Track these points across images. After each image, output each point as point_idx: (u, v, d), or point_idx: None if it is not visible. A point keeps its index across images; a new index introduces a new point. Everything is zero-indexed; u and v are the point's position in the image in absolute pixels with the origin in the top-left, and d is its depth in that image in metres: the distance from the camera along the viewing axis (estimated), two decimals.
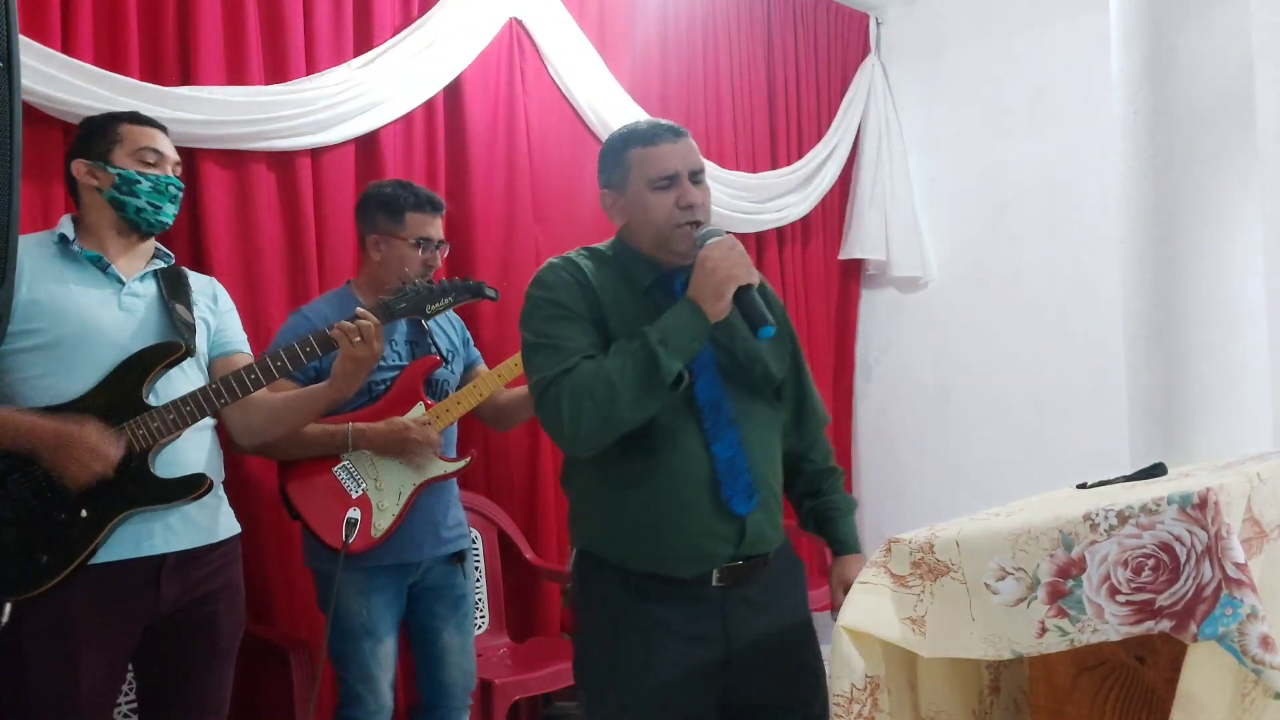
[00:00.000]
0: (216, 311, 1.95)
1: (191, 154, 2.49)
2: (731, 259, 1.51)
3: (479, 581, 2.99)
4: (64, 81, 2.19)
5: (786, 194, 4.22)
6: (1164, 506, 1.13)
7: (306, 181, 2.71)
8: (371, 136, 2.84)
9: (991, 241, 4.35)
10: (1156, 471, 1.62)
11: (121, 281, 1.79)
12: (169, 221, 1.85)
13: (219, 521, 1.86)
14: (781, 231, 4.29)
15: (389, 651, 2.21)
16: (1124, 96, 2.23)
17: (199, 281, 1.96)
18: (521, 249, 3.23)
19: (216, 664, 1.84)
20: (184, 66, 2.52)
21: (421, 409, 2.23)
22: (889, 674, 1.31)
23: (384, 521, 2.15)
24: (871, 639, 1.28)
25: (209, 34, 2.53)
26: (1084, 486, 1.60)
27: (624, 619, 1.58)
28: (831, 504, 1.77)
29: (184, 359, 1.79)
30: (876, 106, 4.57)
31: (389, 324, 1.97)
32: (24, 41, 1.91)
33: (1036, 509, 1.36)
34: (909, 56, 4.63)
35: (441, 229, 2.31)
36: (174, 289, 1.86)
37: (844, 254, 4.60)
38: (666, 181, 1.59)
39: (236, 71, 2.58)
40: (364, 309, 1.86)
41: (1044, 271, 4.17)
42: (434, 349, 2.32)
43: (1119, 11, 2.26)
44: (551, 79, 3.35)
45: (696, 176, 1.62)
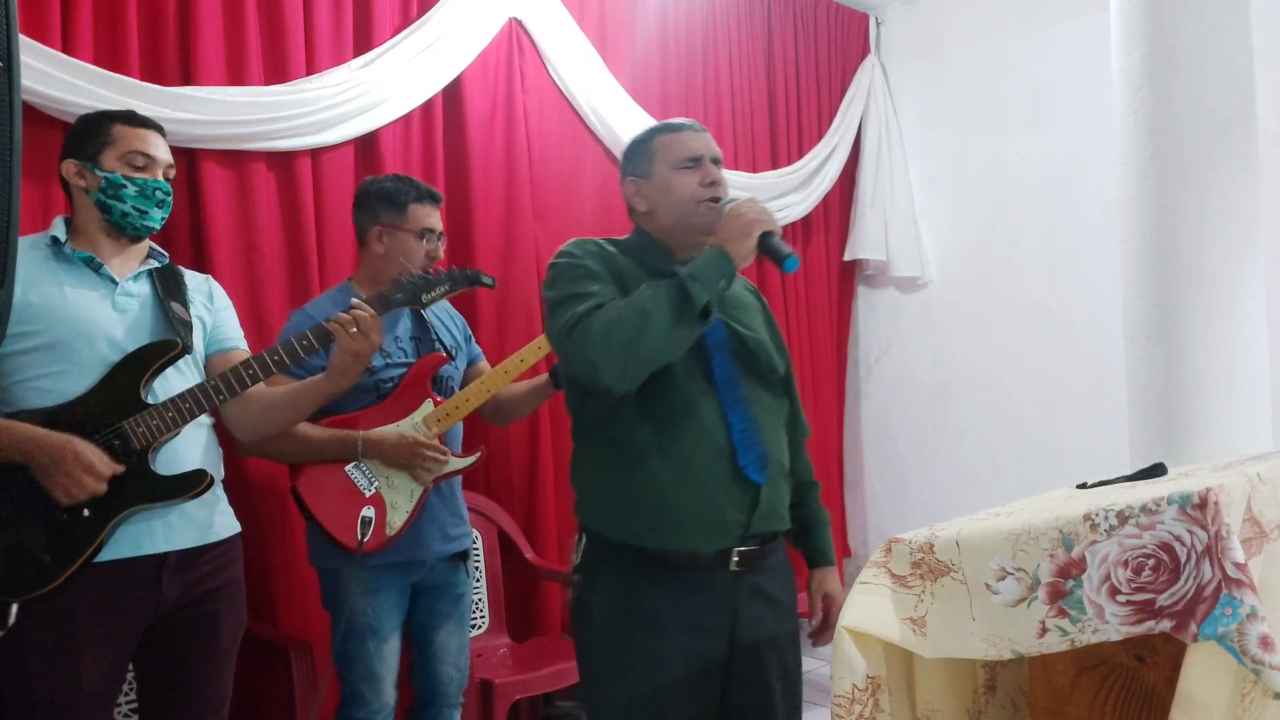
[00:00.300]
0: (213, 309, 1.94)
1: (191, 154, 2.49)
2: (756, 208, 1.61)
3: (479, 581, 2.99)
4: (64, 81, 2.19)
5: (786, 194, 4.23)
6: (1164, 506, 1.13)
7: (307, 182, 2.72)
8: (371, 136, 2.84)
9: (991, 241, 4.35)
10: (1156, 471, 1.62)
11: (115, 282, 1.79)
12: (156, 226, 1.83)
13: (219, 520, 1.86)
14: (782, 230, 4.29)
15: (393, 651, 2.21)
16: (1124, 96, 2.23)
17: (195, 280, 1.95)
18: (521, 248, 3.23)
19: (217, 663, 1.84)
20: (184, 66, 2.52)
21: (430, 406, 2.22)
22: (888, 674, 1.31)
23: (398, 519, 2.15)
24: (872, 639, 1.28)
25: (209, 34, 2.53)
26: (1084, 486, 1.61)
27: (631, 608, 1.59)
28: (812, 514, 1.84)
29: (181, 356, 1.79)
30: (876, 106, 4.57)
31: (387, 317, 1.96)
32: (24, 41, 1.92)
33: (1036, 509, 1.36)
34: (909, 56, 4.63)
35: (440, 221, 2.32)
36: (169, 288, 1.85)
37: (848, 255, 4.60)
38: (692, 163, 1.70)
39: (237, 71, 2.58)
40: (360, 300, 1.85)
41: (1044, 271, 4.17)
42: (438, 345, 2.32)
43: (1119, 11, 2.26)
44: (551, 79, 3.35)
45: (717, 162, 1.73)
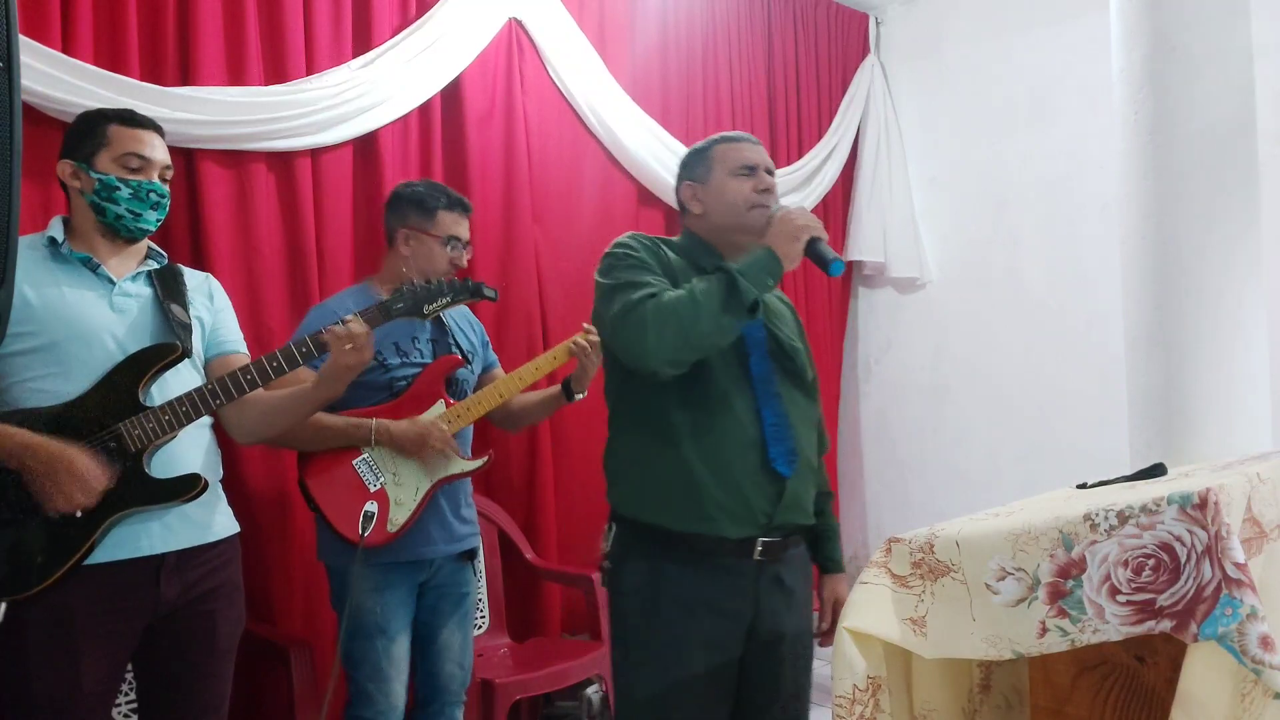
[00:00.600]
0: (212, 310, 1.94)
1: (191, 154, 2.49)
2: (806, 215, 1.73)
3: (479, 581, 2.99)
4: (64, 81, 2.19)
5: (786, 194, 4.22)
6: (1164, 506, 1.13)
7: (306, 182, 2.72)
8: (371, 137, 2.84)
9: (991, 241, 4.35)
10: (1156, 471, 1.63)
11: (112, 282, 1.78)
12: (151, 228, 1.82)
13: (218, 520, 1.85)
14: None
15: (402, 651, 2.21)
16: (1124, 96, 2.23)
17: (194, 279, 1.94)
18: (520, 249, 3.23)
19: (216, 663, 1.83)
20: (184, 66, 2.52)
21: (442, 407, 2.24)
22: (888, 674, 1.31)
23: (400, 516, 2.16)
24: (873, 639, 1.28)
25: (209, 34, 2.53)
26: (1084, 486, 1.61)
27: (660, 590, 1.69)
28: (826, 525, 1.94)
29: (181, 360, 1.78)
30: (876, 106, 4.56)
31: (402, 322, 1.96)
32: (24, 41, 1.92)
33: (1036, 509, 1.36)
34: (909, 56, 4.63)
35: (468, 231, 2.34)
36: (169, 289, 1.84)
37: (846, 255, 4.60)
38: (747, 170, 1.82)
39: (236, 71, 2.58)
40: (353, 315, 1.84)
41: (1044, 271, 4.17)
42: (455, 349, 2.33)
43: (1119, 11, 2.26)
44: (551, 79, 3.35)
45: (771, 173, 1.85)
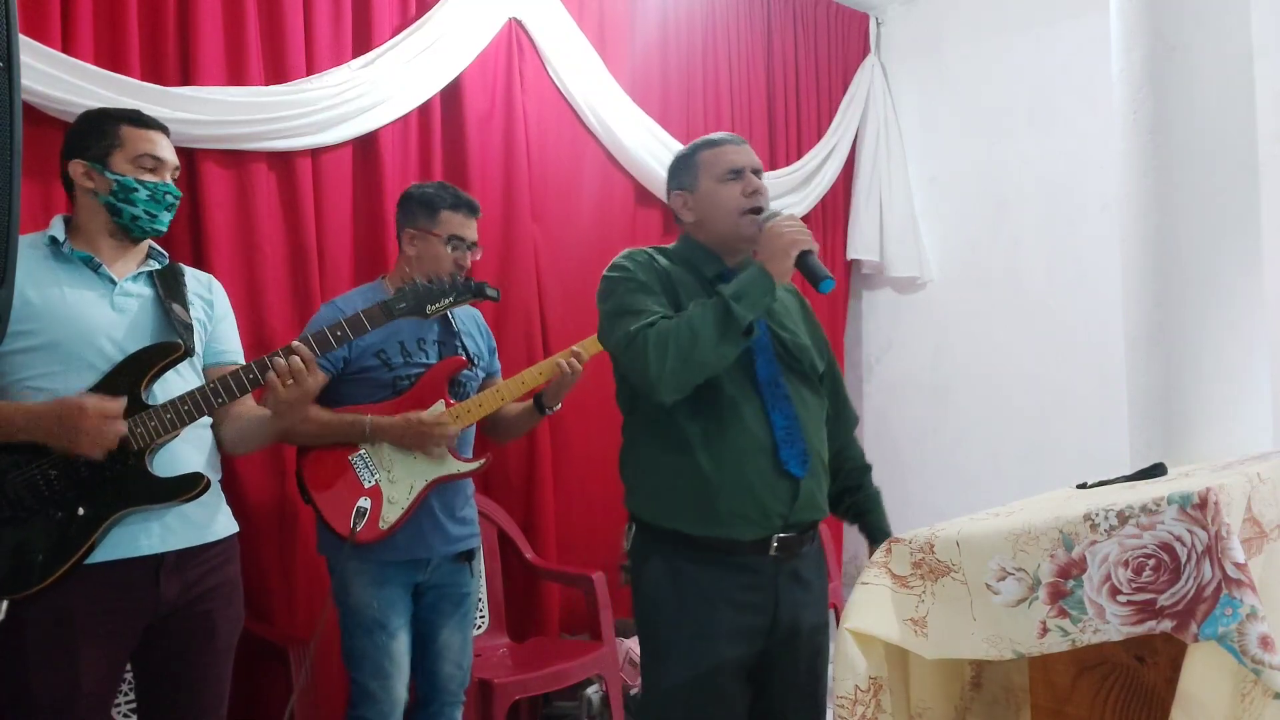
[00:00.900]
0: (213, 317, 1.94)
1: (191, 154, 2.49)
2: (795, 227, 1.71)
3: (479, 582, 2.99)
4: (64, 81, 2.19)
5: (785, 194, 4.22)
6: (1164, 506, 1.13)
7: (307, 182, 2.71)
8: (371, 137, 2.84)
9: (991, 241, 4.35)
10: (1156, 471, 1.63)
11: (114, 282, 1.78)
12: (164, 229, 1.84)
13: (217, 520, 1.85)
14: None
15: (402, 649, 2.22)
16: (1124, 96, 2.23)
17: (196, 282, 1.94)
18: (519, 248, 3.23)
19: (215, 662, 1.84)
20: (184, 66, 2.52)
21: (442, 407, 2.24)
22: (889, 674, 1.31)
23: (392, 514, 2.17)
24: (875, 640, 1.28)
25: (209, 34, 2.53)
26: (1084, 486, 1.61)
27: (683, 584, 1.72)
28: (869, 497, 1.97)
29: (183, 359, 1.78)
30: (876, 106, 4.56)
31: (407, 321, 1.96)
32: (24, 41, 1.91)
33: (1036, 509, 1.36)
34: (909, 56, 4.63)
35: (476, 231, 2.34)
36: (170, 289, 1.85)
37: (847, 255, 4.60)
38: (734, 175, 1.81)
39: (236, 71, 2.58)
40: (298, 343, 1.79)
41: (1044, 271, 4.17)
42: (461, 351, 2.34)
43: (1119, 12, 2.26)
44: (550, 79, 3.35)
45: (758, 173, 1.84)
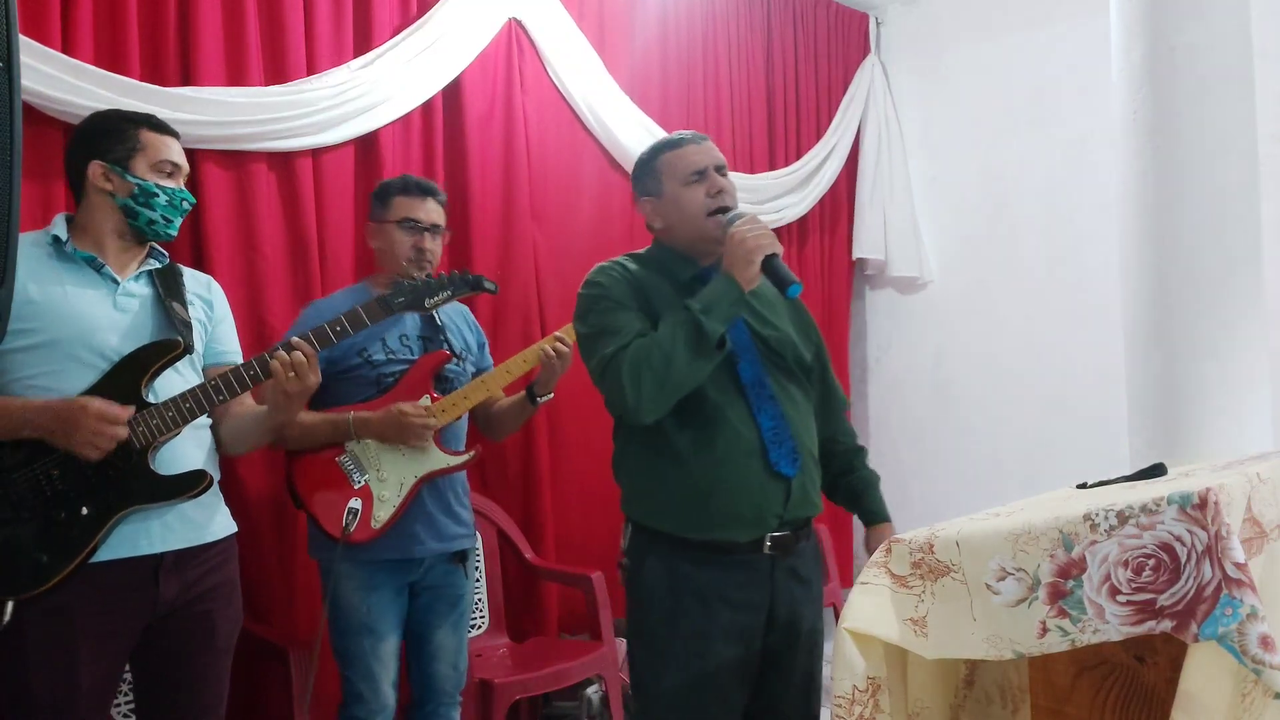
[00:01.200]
0: (213, 318, 1.95)
1: (192, 154, 2.47)
2: (756, 231, 1.68)
3: (479, 581, 2.99)
4: (64, 81, 2.19)
5: (784, 194, 4.22)
6: (1164, 506, 1.12)
7: (307, 182, 2.71)
8: (371, 137, 2.84)
9: (991, 241, 4.35)
10: (1156, 471, 1.62)
11: (116, 281, 1.79)
12: (175, 234, 1.86)
13: (216, 520, 1.86)
14: (779, 232, 4.29)
15: (390, 650, 2.21)
16: (1124, 96, 2.23)
17: (196, 283, 1.95)
18: (519, 248, 3.23)
19: (214, 662, 1.84)
20: (184, 66, 2.52)
21: (427, 401, 2.23)
22: (887, 674, 1.31)
23: (384, 513, 2.16)
24: (873, 640, 1.28)
25: (209, 34, 2.53)
26: (1084, 486, 1.60)
27: (680, 583, 1.72)
28: (863, 479, 1.95)
29: (183, 357, 1.79)
30: (876, 106, 4.57)
31: (389, 318, 1.96)
32: (24, 41, 1.91)
33: (1036, 509, 1.35)
34: (909, 56, 4.63)
35: (434, 213, 2.31)
36: (170, 288, 1.86)
37: (855, 253, 4.61)
38: (697, 176, 1.79)
39: (236, 72, 2.58)
40: (299, 339, 1.80)
41: (1044, 271, 4.17)
42: (446, 345, 2.33)
43: (1119, 11, 2.26)
44: (550, 79, 3.35)
45: (721, 170, 1.82)
